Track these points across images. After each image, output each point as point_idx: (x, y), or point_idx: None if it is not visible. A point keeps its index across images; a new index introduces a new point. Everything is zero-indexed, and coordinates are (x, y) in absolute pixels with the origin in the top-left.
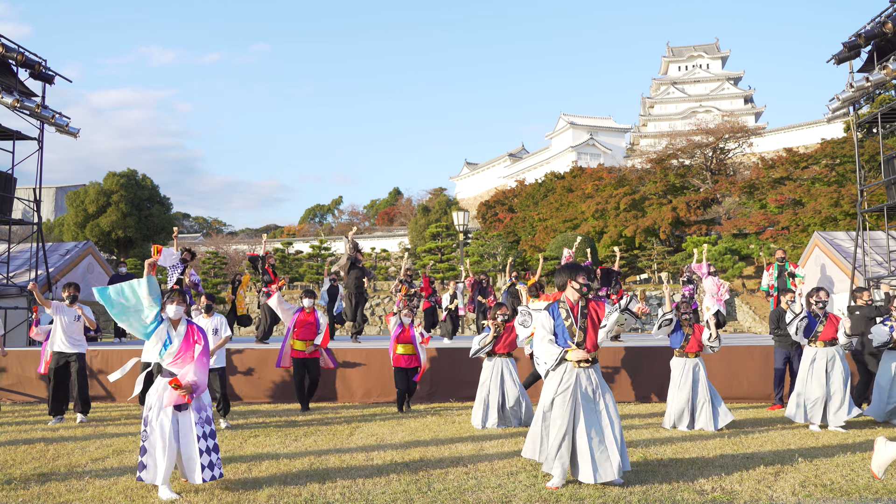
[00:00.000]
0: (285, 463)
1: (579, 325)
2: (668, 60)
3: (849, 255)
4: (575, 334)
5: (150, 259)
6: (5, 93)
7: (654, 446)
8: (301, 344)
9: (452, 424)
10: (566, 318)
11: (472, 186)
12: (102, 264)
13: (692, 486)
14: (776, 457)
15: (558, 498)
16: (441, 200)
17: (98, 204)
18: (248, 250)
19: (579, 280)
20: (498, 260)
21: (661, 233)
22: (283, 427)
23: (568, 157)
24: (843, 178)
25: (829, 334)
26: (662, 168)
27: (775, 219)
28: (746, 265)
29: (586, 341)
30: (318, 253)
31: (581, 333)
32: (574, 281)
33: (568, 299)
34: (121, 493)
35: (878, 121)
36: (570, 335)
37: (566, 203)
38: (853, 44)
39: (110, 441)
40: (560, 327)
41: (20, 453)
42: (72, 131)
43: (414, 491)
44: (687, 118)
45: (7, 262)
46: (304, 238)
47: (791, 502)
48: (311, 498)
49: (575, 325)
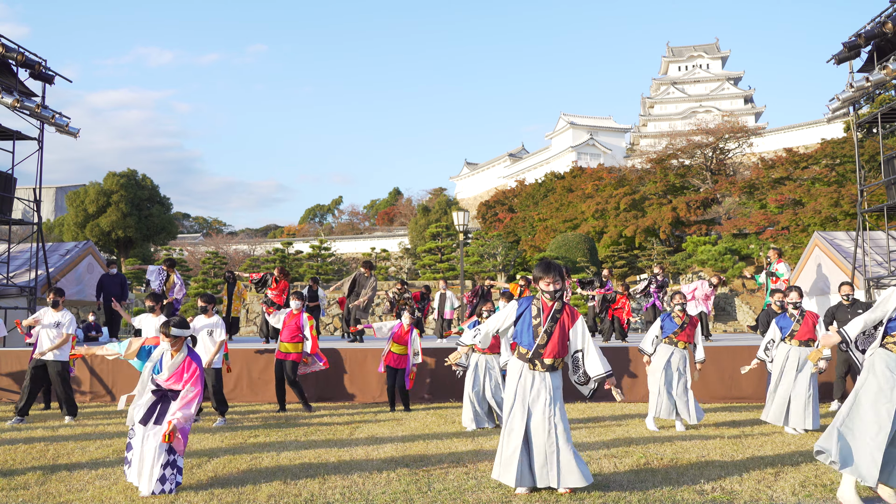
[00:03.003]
0: (285, 463)
1: (545, 328)
2: (668, 60)
3: (849, 255)
4: (538, 336)
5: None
6: (5, 93)
7: (654, 447)
8: (284, 346)
9: (452, 424)
10: (535, 317)
11: (472, 186)
12: (102, 264)
13: (692, 486)
14: (776, 457)
15: (558, 498)
16: (441, 200)
17: (98, 204)
18: (248, 251)
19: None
20: (498, 260)
21: (661, 233)
22: (283, 427)
23: (568, 157)
24: (843, 178)
25: (806, 334)
26: (662, 168)
27: (775, 219)
28: (746, 265)
29: (547, 346)
30: (318, 253)
31: (545, 336)
32: (543, 281)
33: (542, 299)
34: (121, 493)
35: (878, 121)
36: (533, 335)
37: (566, 203)
38: (853, 44)
39: (110, 441)
40: (527, 324)
41: (20, 453)
42: (72, 131)
43: (414, 491)
44: (687, 118)
45: (7, 262)
46: (304, 238)
47: (791, 502)
48: (311, 498)
49: (541, 327)
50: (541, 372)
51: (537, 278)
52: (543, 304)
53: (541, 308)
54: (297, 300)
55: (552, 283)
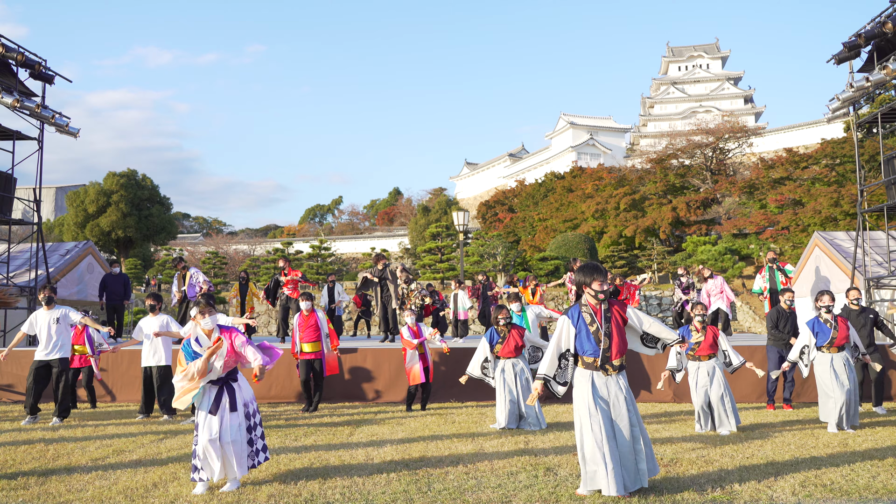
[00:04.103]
0: (285, 463)
1: (604, 330)
2: (668, 60)
3: (849, 255)
4: (601, 341)
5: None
6: (5, 93)
7: (654, 447)
8: (308, 346)
9: (452, 424)
10: (591, 324)
11: (472, 186)
12: (102, 264)
13: (692, 486)
14: (776, 457)
15: (558, 498)
16: (441, 200)
17: (98, 204)
18: (248, 251)
19: (594, 287)
20: (498, 260)
21: (661, 233)
22: (283, 427)
23: (568, 157)
24: (843, 178)
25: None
26: (662, 168)
27: (775, 219)
28: (746, 265)
29: (612, 347)
30: (318, 253)
31: (607, 339)
32: (595, 283)
33: (590, 303)
34: (121, 493)
35: (878, 121)
36: (595, 342)
37: (566, 203)
38: (853, 44)
39: (110, 441)
40: (584, 332)
41: (20, 453)
42: (72, 131)
43: (414, 491)
44: (687, 118)
45: (7, 262)
46: (304, 238)
47: (791, 502)
48: (311, 498)
49: (601, 331)
50: (613, 375)
51: (584, 283)
52: (593, 308)
53: (592, 313)
54: (306, 300)
55: (602, 283)
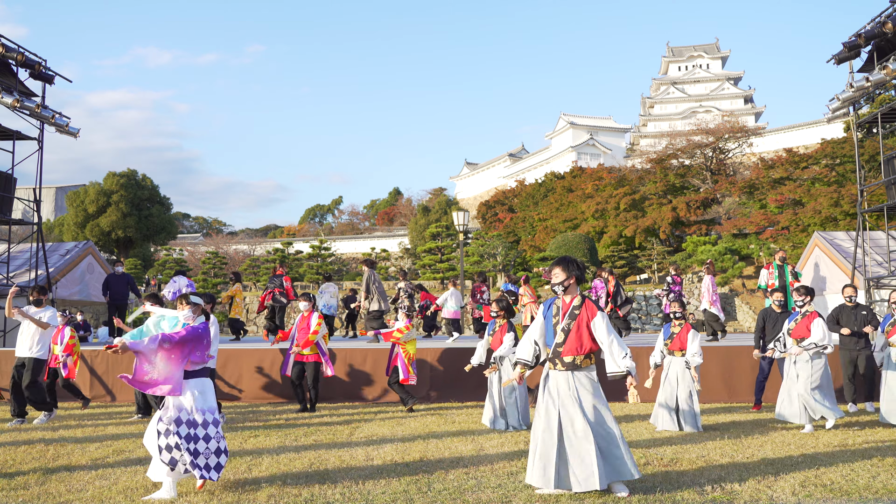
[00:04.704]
0: (285, 463)
1: (563, 325)
2: (668, 60)
3: (849, 255)
4: (556, 334)
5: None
6: (5, 93)
7: (654, 447)
8: (300, 348)
9: (452, 424)
10: (555, 316)
11: (472, 186)
12: (102, 264)
13: (692, 486)
14: (776, 457)
15: (558, 498)
16: (441, 200)
17: (98, 204)
18: (248, 251)
19: (551, 279)
20: (498, 260)
21: (661, 233)
22: (283, 427)
23: (568, 157)
24: (843, 178)
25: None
26: (662, 168)
27: (775, 219)
28: (746, 265)
29: (565, 343)
30: (318, 253)
31: (562, 335)
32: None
33: (562, 297)
34: (121, 493)
35: (878, 121)
36: (553, 334)
37: (566, 203)
38: (853, 44)
39: (110, 441)
40: (549, 323)
41: (20, 453)
42: (72, 131)
43: (414, 491)
44: (687, 118)
45: (7, 262)
46: (304, 238)
47: (791, 502)
48: (311, 498)
49: (559, 325)
50: (562, 371)
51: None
52: (563, 302)
53: (560, 306)
54: (305, 301)
55: (557, 276)
